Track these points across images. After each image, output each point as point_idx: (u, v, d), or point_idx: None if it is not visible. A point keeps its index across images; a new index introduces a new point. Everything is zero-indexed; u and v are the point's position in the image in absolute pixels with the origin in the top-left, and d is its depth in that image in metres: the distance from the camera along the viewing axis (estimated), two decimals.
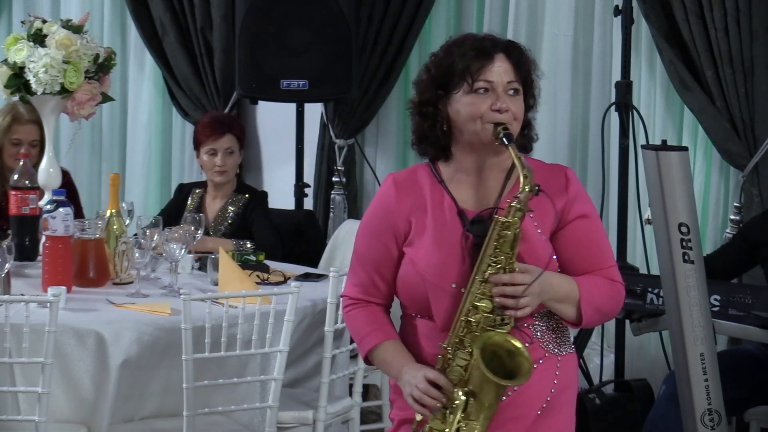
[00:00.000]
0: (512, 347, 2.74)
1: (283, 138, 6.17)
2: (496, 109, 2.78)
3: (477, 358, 2.71)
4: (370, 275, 2.91)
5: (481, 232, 2.79)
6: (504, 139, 2.76)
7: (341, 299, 3.01)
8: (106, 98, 4.77)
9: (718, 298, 4.33)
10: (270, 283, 4.37)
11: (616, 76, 5.22)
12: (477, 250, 2.78)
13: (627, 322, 4.82)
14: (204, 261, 4.48)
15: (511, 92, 2.80)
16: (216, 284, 4.24)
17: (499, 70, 2.80)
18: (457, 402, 2.74)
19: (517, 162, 2.75)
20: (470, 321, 2.76)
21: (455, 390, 2.75)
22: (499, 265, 2.74)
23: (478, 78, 2.78)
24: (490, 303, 2.75)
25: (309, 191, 6.02)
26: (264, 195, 5.30)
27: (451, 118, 2.82)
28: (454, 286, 2.79)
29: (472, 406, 2.74)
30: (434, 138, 2.85)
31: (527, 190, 2.73)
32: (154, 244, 4.18)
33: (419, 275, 2.82)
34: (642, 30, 5.32)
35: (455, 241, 2.81)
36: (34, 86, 4.52)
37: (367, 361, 2.94)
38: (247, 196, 5.19)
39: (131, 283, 4.26)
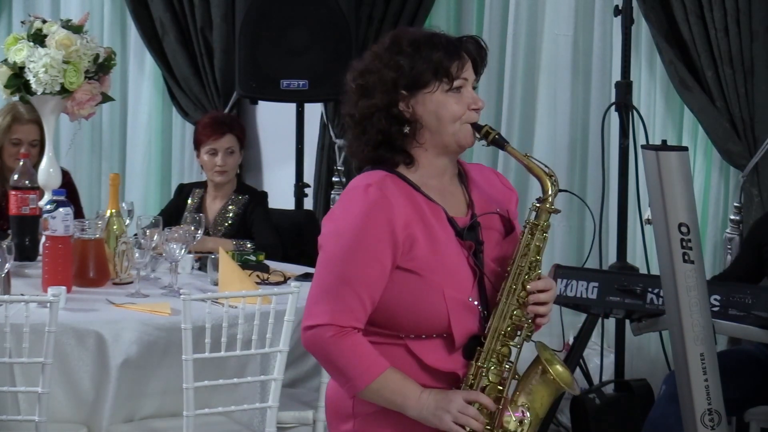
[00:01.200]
0: (549, 356, 2.66)
1: (283, 138, 6.17)
2: (474, 108, 2.67)
3: (544, 366, 2.62)
4: (360, 298, 2.59)
5: (477, 240, 2.67)
6: (499, 141, 2.66)
7: (317, 328, 2.61)
8: (106, 98, 4.77)
9: (718, 298, 4.33)
10: (270, 283, 4.37)
11: (616, 76, 5.22)
12: (479, 259, 2.66)
13: (627, 322, 4.82)
14: (204, 261, 4.48)
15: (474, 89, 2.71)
16: (216, 284, 4.24)
17: (469, 67, 2.68)
18: (523, 420, 2.63)
19: (526, 161, 2.66)
20: (502, 333, 2.63)
21: (511, 406, 2.64)
22: (533, 272, 2.64)
23: (459, 75, 2.64)
24: (521, 311, 2.64)
25: (309, 191, 6.02)
26: (264, 195, 5.30)
27: (419, 120, 2.65)
28: (470, 299, 2.64)
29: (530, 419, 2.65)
30: (400, 143, 2.67)
31: (555, 190, 2.66)
32: (154, 244, 4.18)
33: (437, 291, 2.60)
34: (642, 30, 5.32)
35: (456, 251, 2.65)
36: (34, 86, 4.52)
37: (356, 395, 2.65)
38: (247, 196, 5.20)
39: (131, 283, 4.26)
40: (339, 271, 2.60)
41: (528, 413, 2.64)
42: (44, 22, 4.64)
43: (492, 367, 2.63)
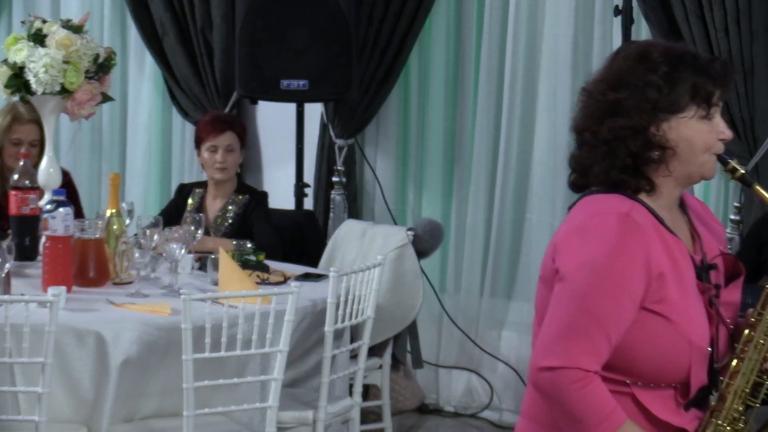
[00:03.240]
0: None
1: (283, 138, 6.17)
2: (722, 139, 2.47)
3: None
4: (609, 338, 2.36)
5: (713, 283, 2.49)
6: (746, 180, 2.50)
7: (559, 371, 2.38)
8: (106, 98, 4.77)
9: None
10: (270, 283, 4.37)
11: None
12: (714, 304, 2.47)
13: None
14: (204, 261, 4.48)
15: None
16: (216, 284, 4.24)
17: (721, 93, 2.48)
18: None
19: None
20: (746, 391, 2.46)
21: None
22: None
23: (717, 102, 2.44)
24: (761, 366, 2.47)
25: (309, 191, 6.02)
26: (264, 195, 5.31)
27: (671, 146, 2.43)
28: (710, 349, 2.45)
29: None
30: (645, 168, 2.45)
31: None
32: (154, 244, 4.18)
33: (684, 339, 2.40)
34: (642, 30, 5.32)
35: (697, 295, 2.44)
36: (34, 86, 4.53)
37: None
38: (247, 196, 5.20)
39: (131, 283, 4.26)
40: (590, 308, 2.37)
41: None
42: (44, 22, 4.65)
43: (728, 427, 2.47)
